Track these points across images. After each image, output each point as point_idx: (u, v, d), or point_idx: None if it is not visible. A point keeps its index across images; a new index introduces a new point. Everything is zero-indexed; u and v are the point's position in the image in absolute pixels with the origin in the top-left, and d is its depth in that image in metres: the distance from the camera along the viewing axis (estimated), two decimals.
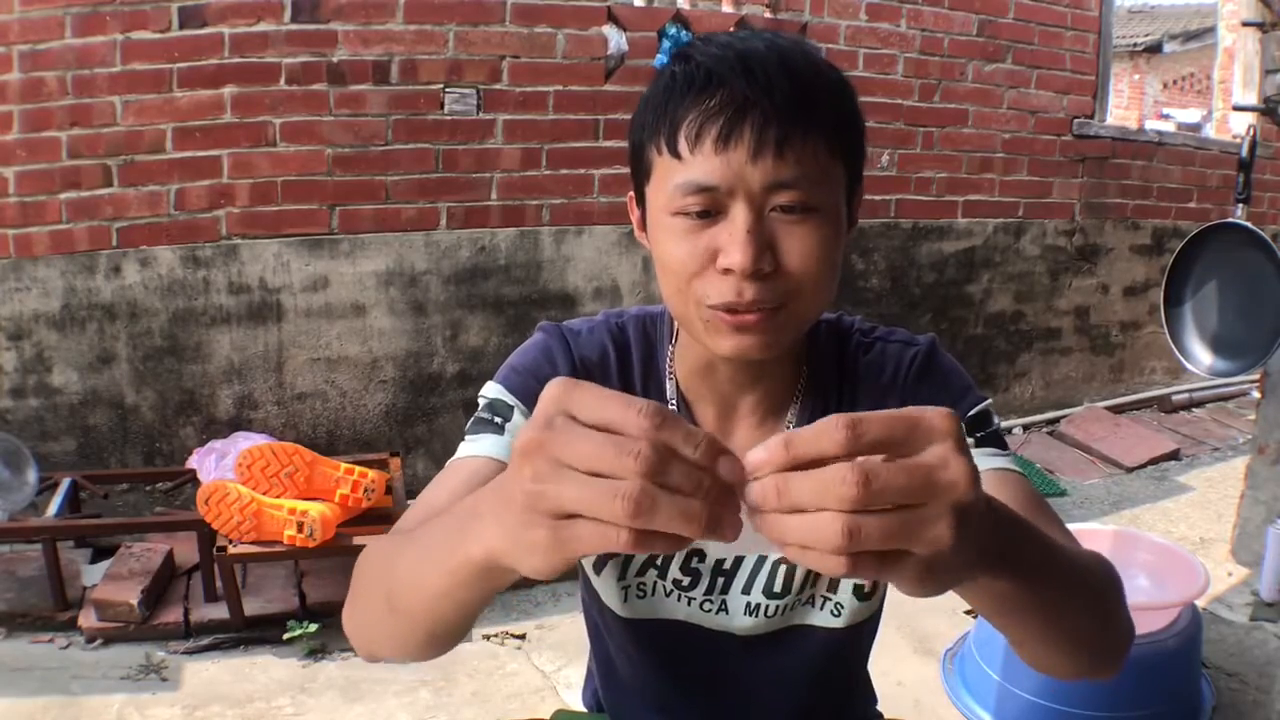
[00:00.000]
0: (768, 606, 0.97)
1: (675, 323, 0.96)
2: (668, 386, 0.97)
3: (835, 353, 0.98)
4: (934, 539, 0.49)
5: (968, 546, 0.50)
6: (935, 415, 0.51)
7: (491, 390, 0.94)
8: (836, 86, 0.83)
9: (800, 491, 0.48)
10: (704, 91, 0.79)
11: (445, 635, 0.72)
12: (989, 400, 0.95)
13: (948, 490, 0.49)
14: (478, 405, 0.95)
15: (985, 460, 0.89)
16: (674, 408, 0.96)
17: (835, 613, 0.98)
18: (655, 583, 0.98)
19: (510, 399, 0.92)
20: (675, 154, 0.81)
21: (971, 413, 0.92)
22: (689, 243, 0.82)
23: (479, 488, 0.83)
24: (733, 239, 0.79)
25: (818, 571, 0.49)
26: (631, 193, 0.92)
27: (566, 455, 0.49)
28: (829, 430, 0.49)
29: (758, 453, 0.50)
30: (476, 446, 0.89)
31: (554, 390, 0.51)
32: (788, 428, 0.95)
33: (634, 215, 0.93)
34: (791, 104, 0.78)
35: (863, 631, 1.03)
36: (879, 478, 0.48)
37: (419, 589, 0.67)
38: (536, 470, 0.50)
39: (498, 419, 0.91)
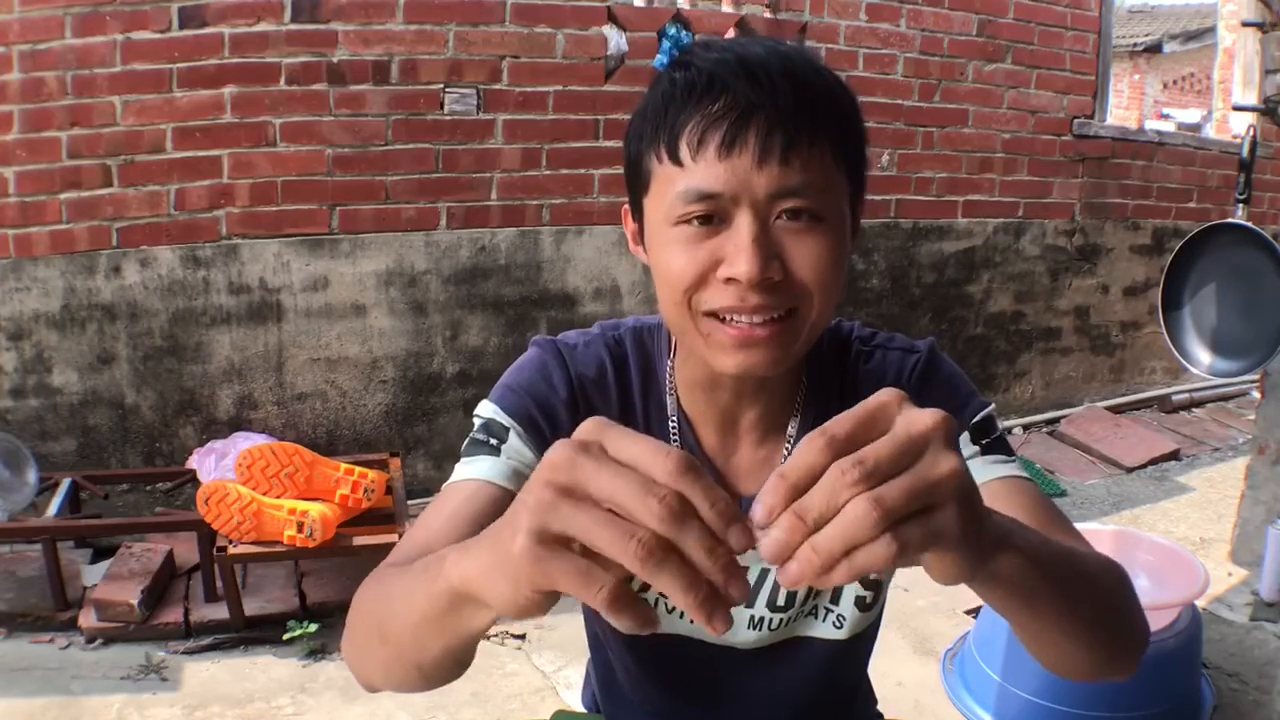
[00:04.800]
0: (771, 620, 0.97)
1: (674, 335, 0.94)
2: (668, 402, 0.95)
3: (835, 363, 0.96)
4: (945, 475, 0.50)
5: (974, 488, 0.53)
6: (881, 394, 0.53)
7: (487, 410, 0.91)
8: (840, 93, 0.81)
9: (814, 503, 0.48)
10: (706, 97, 0.77)
11: (432, 669, 0.70)
12: (991, 406, 0.94)
13: (926, 434, 0.51)
14: (474, 421, 0.93)
15: (991, 469, 0.88)
16: (674, 424, 0.94)
17: (838, 624, 0.98)
18: (657, 598, 0.96)
19: (506, 420, 0.90)
20: (676, 161, 0.78)
21: (975, 420, 0.91)
22: (690, 252, 0.79)
23: (474, 513, 0.83)
24: (738, 248, 0.77)
25: (872, 571, 0.49)
26: (626, 205, 0.89)
27: (592, 483, 0.49)
28: (807, 446, 0.50)
29: (761, 501, 0.49)
30: (473, 469, 0.87)
31: (590, 425, 0.51)
32: (788, 443, 0.94)
33: (629, 228, 0.90)
34: (797, 109, 0.76)
35: (863, 639, 1.03)
36: (869, 458, 0.49)
37: (402, 614, 0.66)
38: (556, 482, 0.49)
39: (493, 440, 0.89)
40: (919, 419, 0.51)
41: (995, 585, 0.66)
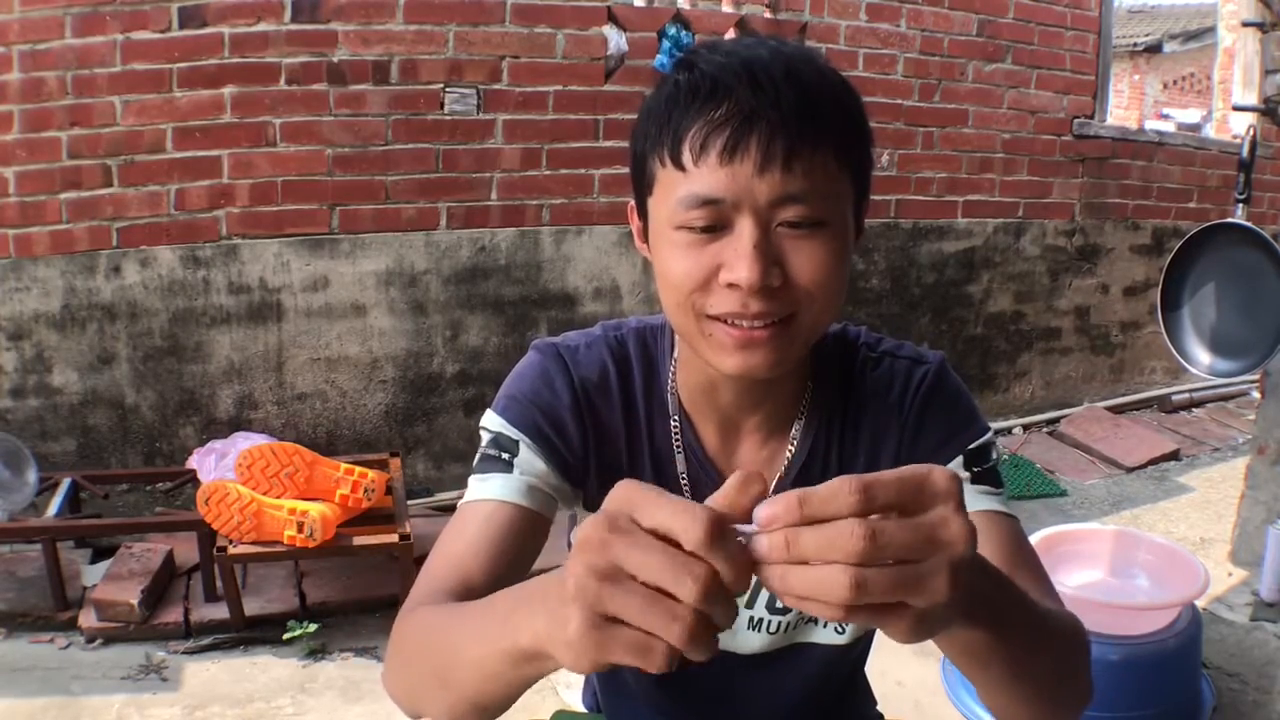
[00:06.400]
0: (770, 622, 0.97)
1: (676, 335, 0.94)
2: (670, 403, 0.95)
3: (840, 367, 0.96)
4: (932, 592, 0.51)
5: (960, 599, 0.53)
6: (940, 478, 0.53)
7: (494, 423, 0.92)
8: (844, 96, 0.81)
9: (809, 545, 0.50)
10: (709, 101, 0.77)
11: (494, 707, 0.72)
12: (990, 433, 0.93)
13: (947, 547, 0.52)
14: (482, 435, 0.93)
15: (979, 500, 0.88)
16: (676, 425, 0.94)
17: (839, 630, 0.98)
18: None
19: (514, 433, 0.90)
20: (679, 166, 0.78)
21: (973, 445, 0.91)
22: (692, 257, 0.79)
23: (496, 535, 0.84)
24: (738, 254, 0.77)
25: (815, 615, 0.51)
26: (632, 202, 0.89)
27: (628, 561, 0.50)
28: (841, 493, 0.50)
29: (772, 506, 0.51)
30: (487, 488, 0.88)
31: (621, 492, 0.53)
32: (791, 445, 0.94)
33: (635, 225, 0.90)
34: (799, 115, 0.75)
35: (862, 641, 1.04)
36: (884, 534, 0.50)
37: (470, 667, 0.67)
38: (594, 566, 0.51)
39: (505, 455, 0.89)
40: (953, 526, 0.52)
41: (951, 646, 0.68)
